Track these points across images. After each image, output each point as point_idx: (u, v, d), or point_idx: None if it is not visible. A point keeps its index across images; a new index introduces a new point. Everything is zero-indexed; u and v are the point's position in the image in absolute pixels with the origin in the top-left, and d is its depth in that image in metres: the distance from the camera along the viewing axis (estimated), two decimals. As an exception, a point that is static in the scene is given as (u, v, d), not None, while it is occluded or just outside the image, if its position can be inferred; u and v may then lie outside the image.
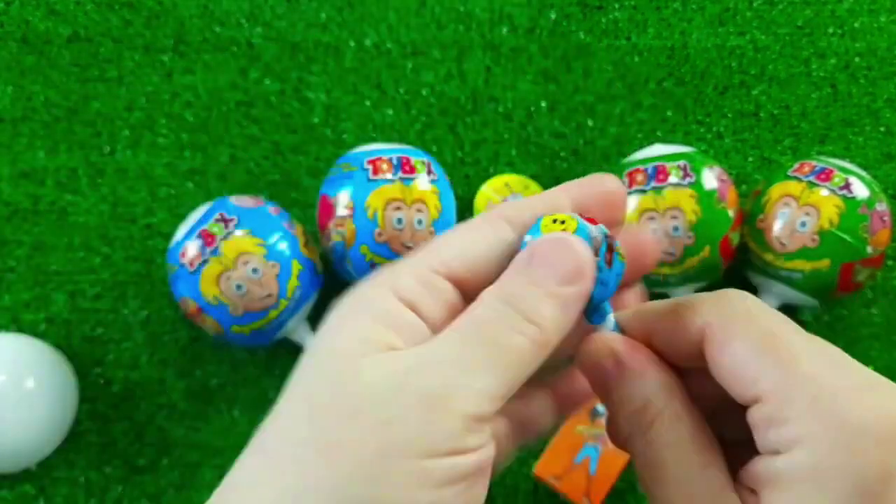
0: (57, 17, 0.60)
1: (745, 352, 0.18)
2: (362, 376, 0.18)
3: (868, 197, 0.46)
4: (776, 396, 0.17)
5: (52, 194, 0.55)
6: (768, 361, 0.18)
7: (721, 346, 0.19)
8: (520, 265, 0.20)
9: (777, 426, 0.17)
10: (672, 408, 0.20)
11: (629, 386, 0.20)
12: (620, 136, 0.58)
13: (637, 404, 0.20)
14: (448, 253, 0.20)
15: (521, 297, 0.19)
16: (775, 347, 0.18)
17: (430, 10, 0.61)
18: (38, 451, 0.48)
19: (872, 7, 0.61)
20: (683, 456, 0.19)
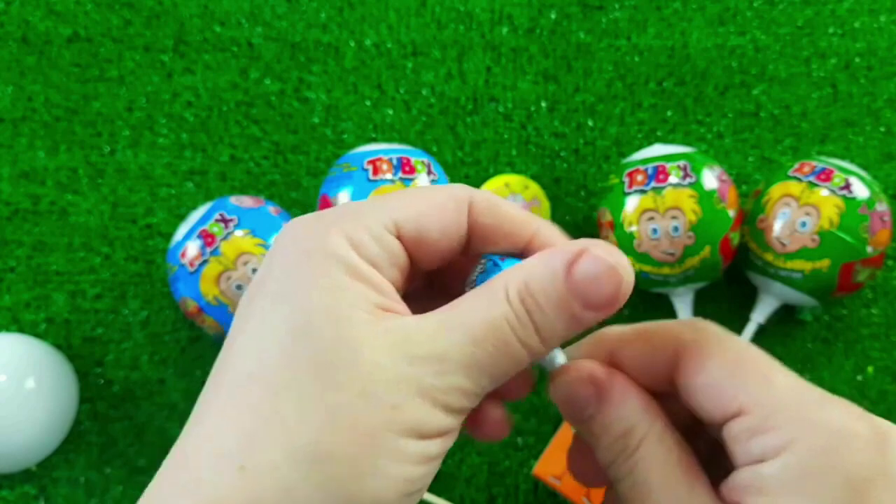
0: (57, 17, 0.60)
1: (722, 370, 0.19)
2: (371, 348, 0.18)
3: (868, 197, 0.46)
4: (759, 408, 0.18)
5: (53, 194, 0.55)
6: (747, 377, 0.19)
7: (697, 366, 0.19)
8: (557, 269, 0.18)
9: (761, 435, 0.18)
10: (656, 430, 0.20)
11: (612, 411, 0.20)
12: (620, 136, 0.58)
13: (621, 429, 0.20)
14: (402, 215, 0.20)
15: (544, 309, 0.18)
16: (750, 366, 0.19)
17: (430, 10, 0.61)
18: (39, 452, 0.48)
19: (873, 7, 0.61)
20: (670, 477, 0.19)
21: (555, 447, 0.47)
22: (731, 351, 0.19)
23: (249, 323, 0.18)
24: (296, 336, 0.18)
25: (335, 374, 0.17)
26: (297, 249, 0.19)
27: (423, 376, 0.18)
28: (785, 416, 0.18)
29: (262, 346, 0.18)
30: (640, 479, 0.19)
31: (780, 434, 0.17)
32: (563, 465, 0.46)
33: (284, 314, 0.18)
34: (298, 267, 0.19)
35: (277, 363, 0.17)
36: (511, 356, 0.19)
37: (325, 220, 0.19)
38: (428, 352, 0.18)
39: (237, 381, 0.18)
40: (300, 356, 0.17)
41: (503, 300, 0.19)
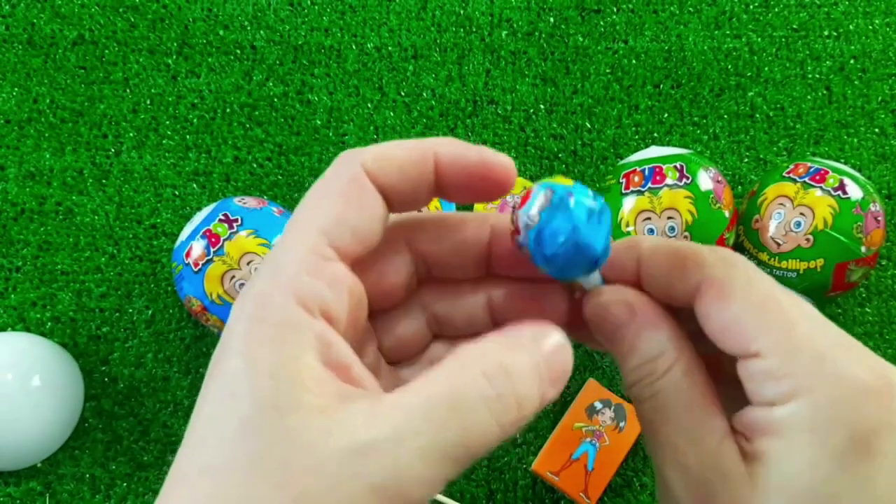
0: (62, 20, 0.60)
1: (747, 309, 0.19)
2: (318, 443, 0.16)
3: (862, 197, 0.47)
4: (777, 353, 0.18)
5: (58, 195, 0.56)
6: (769, 320, 0.19)
7: (722, 301, 0.19)
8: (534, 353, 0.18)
9: (776, 380, 0.18)
10: (683, 360, 0.20)
11: (644, 336, 0.20)
12: (618, 138, 0.58)
13: (651, 354, 0.20)
14: (330, 229, 0.19)
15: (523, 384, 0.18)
16: (775, 308, 0.19)
17: (430, 14, 0.61)
18: (45, 449, 0.48)
19: (867, 10, 0.62)
20: (692, 404, 0.20)
21: (553, 443, 0.48)
22: (756, 291, 0.19)
23: (204, 408, 0.18)
24: (243, 429, 0.17)
25: (281, 472, 0.16)
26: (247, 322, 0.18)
27: (372, 469, 0.16)
28: (800, 364, 0.18)
29: (215, 437, 0.17)
30: (660, 405, 0.20)
31: (793, 382, 0.18)
32: (561, 461, 0.47)
33: (233, 405, 0.17)
34: (247, 345, 0.17)
35: (227, 460, 0.16)
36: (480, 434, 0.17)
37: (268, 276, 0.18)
38: (377, 438, 0.16)
39: (193, 473, 0.17)
40: (248, 454, 0.16)
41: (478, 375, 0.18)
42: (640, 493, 0.49)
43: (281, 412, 0.17)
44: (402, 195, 0.20)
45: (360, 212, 0.19)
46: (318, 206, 0.20)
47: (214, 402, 0.17)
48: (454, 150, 0.20)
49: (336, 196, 0.19)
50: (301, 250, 0.19)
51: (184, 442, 0.18)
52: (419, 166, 0.20)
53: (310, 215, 0.19)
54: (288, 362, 0.17)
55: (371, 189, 0.20)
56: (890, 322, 0.54)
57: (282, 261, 0.19)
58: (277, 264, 0.19)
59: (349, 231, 0.19)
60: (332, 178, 0.20)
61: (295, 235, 0.19)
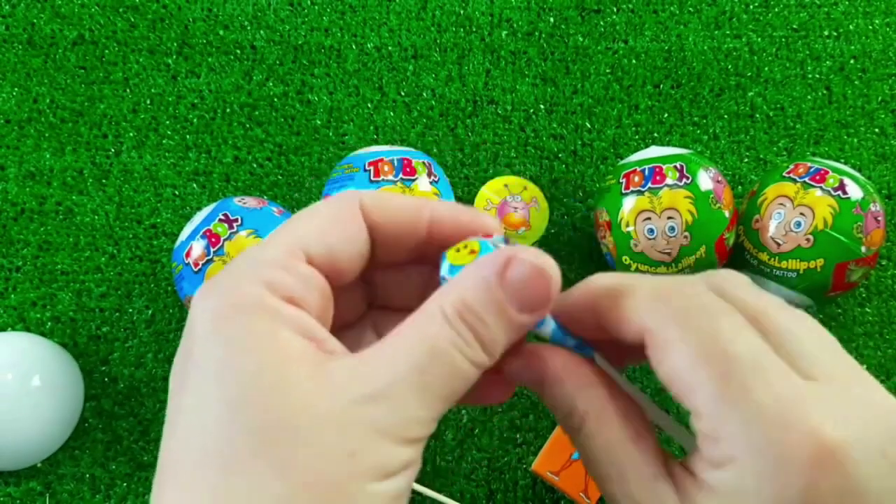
0: (62, 20, 0.60)
1: (681, 362, 0.18)
2: (314, 401, 0.17)
3: (862, 197, 0.47)
4: (710, 414, 0.18)
5: (59, 195, 0.56)
6: (703, 375, 0.18)
7: (660, 353, 0.19)
8: (488, 277, 0.19)
9: (711, 443, 0.18)
10: (595, 408, 0.20)
11: (552, 394, 0.21)
12: (618, 138, 0.59)
13: (565, 409, 0.21)
14: (308, 242, 0.20)
15: (483, 321, 0.19)
16: (711, 356, 0.18)
17: (430, 14, 0.61)
18: (45, 449, 0.48)
19: (867, 10, 0.62)
20: (615, 451, 0.20)
21: (553, 443, 0.48)
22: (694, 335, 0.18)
23: (185, 400, 0.18)
24: (234, 410, 0.17)
25: (284, 438, 0.17)
26: (214, 310, 0.18)
27: (376, 414, 0.17)
28: (731, 429, 0.17)
29: (204, 426, 0.17)
30: (588, 453, 0.20)
31: (725, 447, 0.18)
32: (560, 461, 0.47)
33: (218, 389, 0.17)
34: (220, 330, 0.18)
35: (223, 442, 0.17)
36: (460, 375, 0.18)
37: (236, 272, 0.19)
38: (376, 388, 0.17)
39: (188, 466, 0.17)
40: (243, 430, 0.17)
41: (443, 322, 0.18)
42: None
43: (266, 382, 0.17)
44: (390, 238, 0.21)
45: (342, 235, 0.20)
46: (303, 220, 0.20)
47: (198, 390, 0.18)
48: (449, 213, 0.21)
49: (324, 217, 0.20)
50: (276, 250, 0.19)
51: (168, 435, 0.18)
52: (413, 217, 0.21)
53: (293, 227, 0.20)
54: (266, 337, 0.18)
55: (360, 222, 0.21)
56: (890, 322, 0.54)
57: (256, 256, 0.19)
58: (251, 259, 0.19)
59: (326, 248, 0.20)
60: (326, 204, 0.21)
61: (274, 238, 0.20)
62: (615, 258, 0.50)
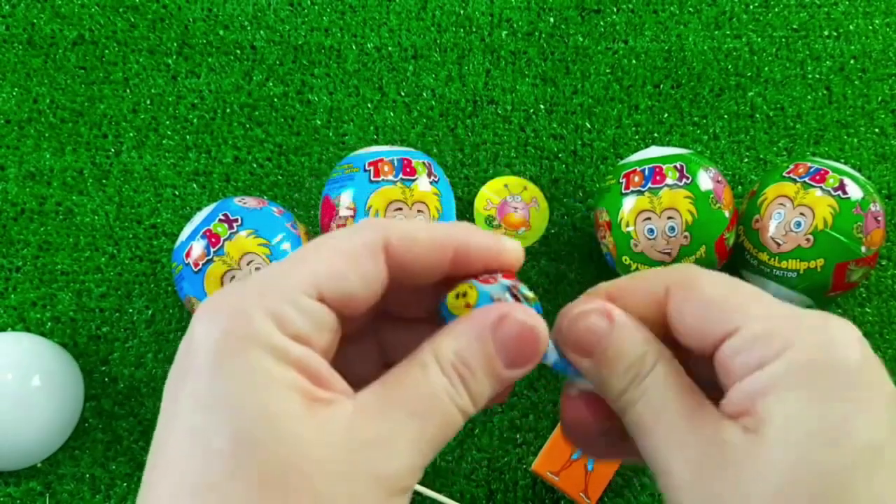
0: (62, 20, 0.60)
1: (715, 294, 0.20)
2: (316, 447, 0.17)
3: (862, 197, 0.47)
4: (756, 320, 0.19)
5: (59, 195, 0.56)
6: (738, 298, 0.20)
7: (689, 295, 0.21)
8: (482, 333, 0.20)
9: (761, 343, 0.19)
10: (666, 355, 0.21)
11: (625, 339, 0.21)
12: (618, 138, 0.59)
13: (635, 355, 0.21)
14: (322, 280, 0.19)
15: (474, 373, 0.19)
16: (739, 289, 0.20)
17: (430, 14, 0.61)
18: (45, 449, 0.48)
19: (867, 10, 0.62)
20: (681, 396, 0.20)
21: (553, 444, 0.48)
22: (720, 279, 0.21)
23: (181, 423, 0.18)
24: (237, 446, 0.17)
25: (283, 482, 0.17)
26: (220, 337, 0.18)
27: (375, 463, 0.18)
28: (782, 323, 0.19)
29: (206, 456, 0.17)
30: (654, 399, 0.20)
31: (780, 339, 0.19)
32: (560, 461, 0.47)
33: (218, 425, 0.17)
34: (224, 360, 0.18)
35: (225, 475, 0.17)
36: (451, 424, 0.19)
37: (246, 298, 0.18)
38: (373, 436, 0.18)
39: (187, 492, 0.17)
40: (246, 468, 0.17)
41: (438, 372, 0.19)
42: (641, 493, 0.49)
43: (270, 423, 0.17)
44: (413, 274, 0.21)
45: (359, 279, 0.20)
46: (322, 254, 0.20)
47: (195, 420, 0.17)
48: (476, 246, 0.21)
49: (343, 255, 0.20)
50: (289, 284, 0.19)
51: (158, 455, 0.18)
52: (440, 256, 0.21)
53: (310, 260, 0.20)
54: (270, 378, 0.17)
55: (381, 264, 0.20)
56: (890, 322, 0.54)
57: (268, 285, 0.19)
58: (263, 286, 0.19)
59: (340, 290, 0.19)
60: (350, 235, 0.20)
61: (289, 268, 0.19)
62: (615, 258, 0.50)
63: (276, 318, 0.18)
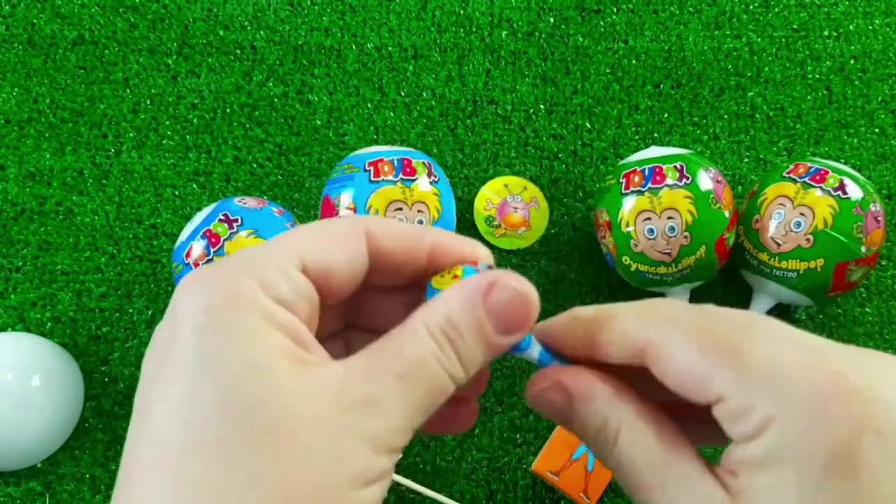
0: (62, 20, 0.60)
1: (691, 362, 0.19)
2: (305, 406, 0.17)
3: (862, 198, 0.47)
4: (736, 391, 0.18)
5: (59, 195, 0.56)
6: (716, 362, 0.18)
7: (665, 364, 0.19)
8: (472, 297, 0.19)
9: (744, 416, 0.18)
10: (628, 417, 0.20)
11: (583, 411, 0.21)
12: (618, 138, 0.59)
13: (597, 424, 0.20)
14: (306, 250, 0.20)
15: (463, 338, 0.19)
16: (714, 344, 0.19)
17: (430, 14, 0.61)
18: (45, 449, 0.48)
19: (867, 10, 0.62)
20: (652, 458, 0.20)
21: (553, 444, 0.48)
22: (693, 335, 0.19)
23: (171, 388, 0.17)
24: (228, 405, 0.17)
25: (274, 440, 0.17)
26: (208, 302, 0.18)
27: (362, 422, 0.18)
28: (760, 395, 0.18)
29: (194, 415, 0.17)
30: (626, 466, 0.20)
31: (759, 414, 0.18)
32: (561, 461, 0.47)
33: (210, 383, 0.17)
34: (214, 323, 0.18)
35: (215, 434, 0.17)
36: (440, 388, 0.19)
37: (232, 267, 0.19)
38: (362, 396, 0.18)
39: (174, 452, 0.17)
40: (236, 425, 0.17)
41: (426, 336, 0.19)
42: (640, 494, 0.49)
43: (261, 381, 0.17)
44: (391, 265, 0.22)
45: (342, 255, 0.20)
46: (305, 232, 0.20)
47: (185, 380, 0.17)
48: (450, 243, 0.22)
49: (327, 233, 0.21)
50: (273, 254, 0.19)
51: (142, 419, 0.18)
52: (416, 246, 0.21)
53: (295, 236, 0.20)
54: (259, 336, 0.18)
55: (362, 246, 0.21)
56: (890, 322, 0.54)
57: (253, 256, 0.19)
58: (247, 257, 0.19)
59: (323, 263, 0.20)
60: (332, 221, 0.21)
61: (273, 243, 0.20)
62: (615, 258, 0.50)
63: (260, 282, 0.18)
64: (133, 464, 0.17)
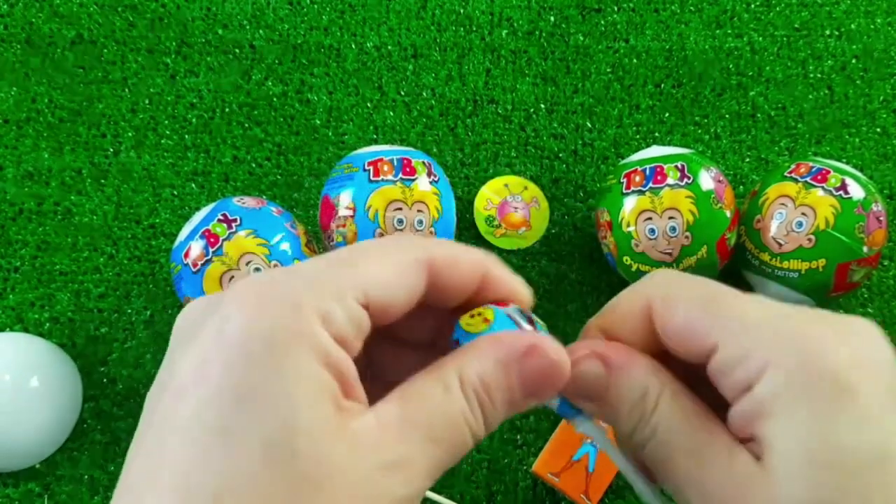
0: (61, 20, 0.60)
1: (691, 310, 0.20)
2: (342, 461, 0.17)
3: (864, 197, 0.47)
4: (732, 338, 0.19)
5: (57, 195, 0.56)
6: (714, 312, 0.20)
7: (667, 312, 0.20)
8: (508, 362, 0.19)
9: (743, 362, 0.19)
10: (669, 388, 0.20)
11: (625, 380, 0.21)
12: (618, 138, 0.58)
13: (637, 393, 0.21)
14: (372, 284, 0.19)
15: (492, 402, 0.19)
16: (717, 300, 0.20)
17: (430, 13, 0.61)
18: (43, 450, 0.48)
19: (869, 9, 0.62)
20: (691, 429, 0.20)
21: (554, 445, 0.48)
22: (695, 290, 0.20)
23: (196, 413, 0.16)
24: (268, 450, 0.16)
25: (312, 491, 0.16)
26: (267, 328, 0.17)
27: (393, 485, 0.18)
28: (757, 338, 0.19)
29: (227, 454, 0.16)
30: (662, 438, 0.20)
31: (758, 356, 0.18)
32: (561, 463, 0.47)
33: (253, 420, 0.16)
34: (268, 354, 0.17)
35: (248, 479, 0.16)
36: (462, 448, 0.19)
37: (295, 289, 0.18)
38: (396, 458, 0.18)
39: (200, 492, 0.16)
40: (277, 475, 0.16)
41: (460, 395, 0.19)
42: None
43: (306, 430, 0.16)
44: (448, 295, 0.21)
45: (404, 290, 0.20)
46: (372, 260, 0.19)
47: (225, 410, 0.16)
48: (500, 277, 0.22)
49: (393, 264, 0.20)
50: (339, 283, 0.18)
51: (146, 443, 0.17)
52: (474, 275, 0.21)
53: (361, 263, 0.19)
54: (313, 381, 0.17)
55: (423, 279, 0.20)
56: (892, 322, 0.54)
57: (319, 279, 0.18)
58: (313, 281, 0.18)
59: (385, 298, 0.19)
60: (397, 247, 0.20)
61: (339, 267, 0.19)
62: (616, 258, 0.49)
63: (323, 316, 0.18)
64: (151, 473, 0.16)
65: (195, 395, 0.17)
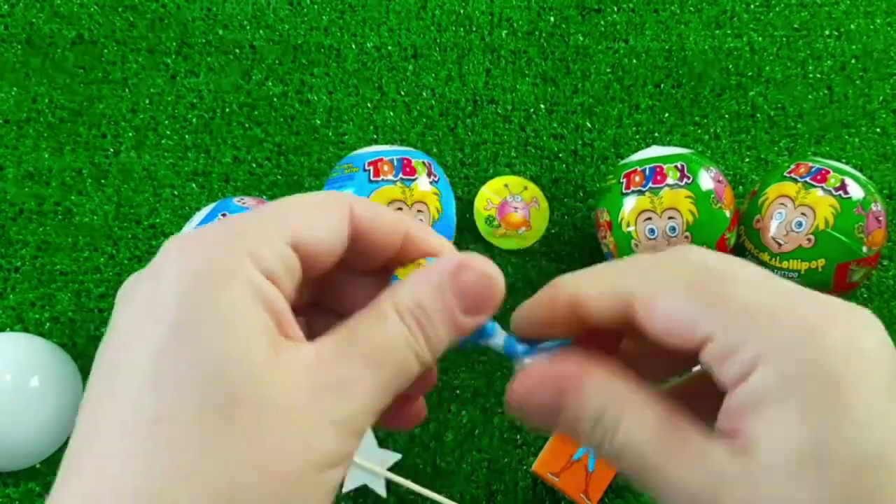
0: (61, 20, 0.60)
1: (675, 305, 0.19)
2: (278, 388, 0.17)
3: (863, 197, 0.47)
4: (722, 330, 0.18)
5: (57, 195, 0.56)
6: (700, 300, 0.19)
7: (653, 310, 0.19)
8: (440, 280, 0.20)
9: (734, 355, 0.18)
10: (629, 401, 0.19)
11: (578, 402, 0.20)
12: (618, 138, 0.58)
13: (594, 414, 0.20)
14: (297, 227, 0.20)
15: (431, 320, 0.20)
16: (700, 285, 0.19)
17: (430, 13, 0.61)
18: (44, 450, 0.48)
19: (868, 9, 0.62)
20: (661, 441, 0.19)
21: (554, 444, 0.48)
22: (677, 279, 0.19)
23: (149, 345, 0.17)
24: (207, 381, 0.17)
25: (248, 419, 0.17)
26: (198, 268, 0.18)
27: (332, 406, 0.18)
28: (748, 328, 0.18)
29: (170, 386, 0.17)
30: (632, 455, 0.19)
31: (749, 349, 0.18)
32: (561, 462, 0.47)
33: (191, 354, 0.17)
34: (201, 291, 0.18)
35: (188, 409, 0.17)
36: (407, 370, 0.19)
37: (224, 234, 0.19)
38: (333, 380, 0.18)
39: (145, 421, 0.17)
40: (211, 402, 0.17)
41: (397, 319, 0.19)
42: (641, 494, 0.49)
43: (239, 360, 0.17)
44: (368, 246, 0.22)
45: (329, 231, 0.20)
46: (295, 205, 0.21)
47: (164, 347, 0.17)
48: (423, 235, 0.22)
49: (316, 207, 0.21)
50: (265, 226, 0.19)
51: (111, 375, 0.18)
52: (394, 232, 0.22)
53: (285, 208, 0.20)
54: (244, 313, 0.18)
55: (346, 224, 0.21)
56: (892, 322, 0.54)
57: (244, 226, 0.19)
58: (239, 226, 0.19)
59: (311, 238, 0.20)
60: (320, 195, 0.21)
61: (264, 214, 0.20)
62: (616, 258, 0.50)
63: (252, 255, 0.18)
64: (99, 418, 0.17)
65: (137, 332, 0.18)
